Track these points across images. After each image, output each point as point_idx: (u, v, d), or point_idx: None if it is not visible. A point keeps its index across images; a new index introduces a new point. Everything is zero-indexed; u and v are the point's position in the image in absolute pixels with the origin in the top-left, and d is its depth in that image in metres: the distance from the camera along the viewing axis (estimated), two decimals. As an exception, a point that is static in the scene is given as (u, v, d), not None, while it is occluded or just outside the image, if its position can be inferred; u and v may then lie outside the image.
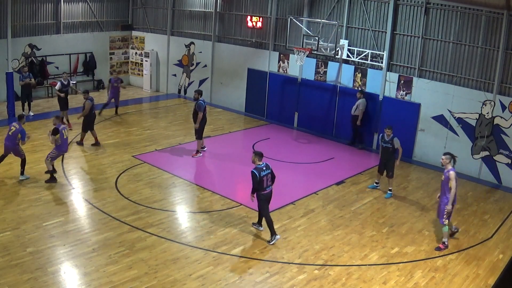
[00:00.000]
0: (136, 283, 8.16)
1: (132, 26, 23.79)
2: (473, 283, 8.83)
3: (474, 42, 13.95)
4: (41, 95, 20.46)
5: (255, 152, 9.69)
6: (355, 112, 15.95)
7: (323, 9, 17.13)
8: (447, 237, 9.98)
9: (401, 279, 8.81)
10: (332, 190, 12.72)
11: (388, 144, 12.36)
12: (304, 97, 17.76)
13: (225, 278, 8.53)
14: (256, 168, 9.49)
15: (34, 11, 20.13)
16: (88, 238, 9.58)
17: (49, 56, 20.63)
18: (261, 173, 9.48)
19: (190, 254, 9.22)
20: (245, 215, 10.96)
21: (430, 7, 14.62)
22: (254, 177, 9.44)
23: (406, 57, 15.39)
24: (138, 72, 23.88)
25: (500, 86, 13.63)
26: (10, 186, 11.70)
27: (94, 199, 11.25)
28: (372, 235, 10.39)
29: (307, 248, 9.68)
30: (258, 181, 9.44)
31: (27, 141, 12.29)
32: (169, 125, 17.73)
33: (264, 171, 9.53)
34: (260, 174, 9.45)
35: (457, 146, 14.51)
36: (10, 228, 9.62)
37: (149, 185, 12.27)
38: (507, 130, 13.52)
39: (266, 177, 9.56)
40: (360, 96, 15.85)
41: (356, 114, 15.95)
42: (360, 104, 15.81)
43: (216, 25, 20.54)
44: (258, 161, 9.56)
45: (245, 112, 19.90)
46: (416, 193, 12.90)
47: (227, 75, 20.45)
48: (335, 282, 8.60)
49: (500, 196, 13.16)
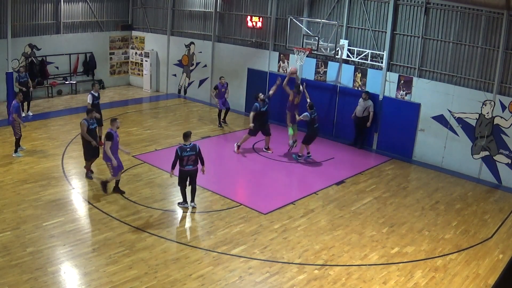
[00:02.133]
0: (136, 283, 8.16)
1: (132, 26, 23.78)
2: (473, 283, 8.83)
3: (474, 42, 13.95)
4: (41, 95, 20.46)
5: (184, 133, 10.68)
6: (363, 114, 15.84)
7: (323, 9, 17.13)
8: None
9: (401, 279, 8.81)
10: (332, 190, 12.72)
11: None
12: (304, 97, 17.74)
13: (225, 278, 8.53)
14: (180, 147, 10.50)
15: (34, 11, 20.13)
16: (88, 238, 9.58)
17: (49, 56, 20.62)
18: (183, 152, 10.45)
19: (190, 254, 9.22)
20: (245, 215, 10.96)
21: (430, 7, 14.62)
22: (175, 154, 10.48)
23: (406, 57, 15.39)
24: (138, 72, 23.88)
25: (500, 86, 13.63)
26: (10, 186, 11.70)
27: (94, 199, 11.25)
28: (372, 235, 10.39)
29: (307, 248, 9.68)
30: (177, 159, 10.48)
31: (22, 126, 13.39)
32: (169, 125, 17.73)
33: (187, 151, 10.46)
34: (181, 153, 10.45)
35: (457, 146, 14.53)
36: (10, 228, 9.62)
37: (149, 185, 12.27)
38: (507, 130, 13.52)
39: (187, 157, 10.48)
40: (366, 98, 15.75)
41: (363, 116, 15.85)
42: (371, 106, 15.71)
43: (216, 25, 20.54)
44: (184, 141, 10.53)
45: (245, 112, 19.90)
46: (416, 193, 12.91)
47: (227, 75, 20.40)
48: (335, 282, 8.60)
49: (500, 196, 13.16)
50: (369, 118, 15.81)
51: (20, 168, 12.74)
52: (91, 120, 12.16)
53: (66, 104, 19.86)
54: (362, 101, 15.83)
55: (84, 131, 11.99)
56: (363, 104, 15.79)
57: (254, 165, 14.39)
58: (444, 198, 12.66)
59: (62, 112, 18.62)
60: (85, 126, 11.97)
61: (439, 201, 12.47)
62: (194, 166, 10.72)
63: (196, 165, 10.74)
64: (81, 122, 12.08)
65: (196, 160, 10.67)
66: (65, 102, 20.11)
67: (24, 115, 17.42)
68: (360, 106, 15.87)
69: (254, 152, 15.32)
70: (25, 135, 15.51)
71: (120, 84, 23.89)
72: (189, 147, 10.51)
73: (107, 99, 20.74)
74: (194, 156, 10.55)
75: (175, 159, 10.53)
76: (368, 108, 15.77)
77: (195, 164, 10.70)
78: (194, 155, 10.53)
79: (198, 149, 10.63)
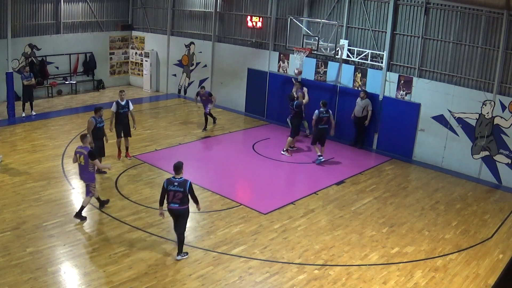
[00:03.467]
0: (136, 283, 8.16)
1: (132, 26, 23.79)
2: (473, 283, 8.83)
3: (474, 42, 13.95)
4: (41, 95, 20.46)
5: (174, 164, 8.83)
6: (363, 113, 15.80)
7: (323, 9, 17.13)
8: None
9: (401, 279, 8.81)
10: (332, 190, 12.72)
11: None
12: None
13: (225, 278, 8.53)
14: (168, 179, 8.80)
15: (34, 11, 20.13)
16: (88, 238, 9.58)
17: (49, 56, 20.63)
18: (170, 186, 8.69)
19: (190, 254, 9.21)
20: (245, 215, 10.96)
21: (430, 7, 14.62)
22: (162, 187, 8.85)
23: (406, 57, 15.39)
24: (138, 72, 23.89)
25: (500, 86, 13.62)
26: (10, 186, 11.70)
27: (94, 199, 11.23)
28: (372, 235, 10.39)
29: (307, 248, 9.68)
30: (164, 192, 8.82)
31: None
32: (169, 125, 17.74)
33: (174, 186, 8.66)
34: (167, 186, 8.72)
35: (457, 146, 14.53)
36: (10, 228, 9.62)
37: (149, 185, 12.27)
38: (507, 130, 13.52)
39: (173, 193, 8.67)
40: (364, 97, 15.75)
41: (363, 115, 15.82)
42: (369, 104, 15.73)
43: (216, 25, 20.54)
44: (175, 173, 8.76)
45: (245, 112, 19.91)
46: (416, 193, 12.90)
47: (227, 75, 20.45)
48: (335, 282, 8.60)
49: (500, 196, 13.16)
50: (368, 117, 15.81)
51: (20, 168, 12.74)
52: (99, 119, 12.09)
53: (66, 104, 19.87)
54: (360, 101, 15.84)
55: (90, 129, 11.94)
56: (361, 103, 15.79)
57: (254, 165, 14.39)
58: (444, 198, 12.66)
59: (62, 112, 18.62)
60: (93, 124, 11.95)
61: (439, 201, 12.47)
62: (181, 206, 8.75)
63: (185, 205, 8.78)
64: (89, 120, 12.08)
65: (185, 198, 8.72)
66: (65, 102, 20.12)
67: (25, 115, 17.45)
68: (358, 105, 15.87)
69: (254, 152, 15.33)
70: (25, 135, 15.58)
71: (120, 84, 23.87)
72: (178, 182, 8.67)
73: (107, 99, 20.74)
74: (182, 194, 8.65)
75: (161, 192, 8.87)
76: (367, 107, 15.78)
77: (183, 203, 8.74)
78: (181, 192, 8.65)
79: (188, 187, 8.69)
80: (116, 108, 13.13)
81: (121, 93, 13.34)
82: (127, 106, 13.24)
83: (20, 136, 15.54)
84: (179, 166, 8.76)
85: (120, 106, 13.11)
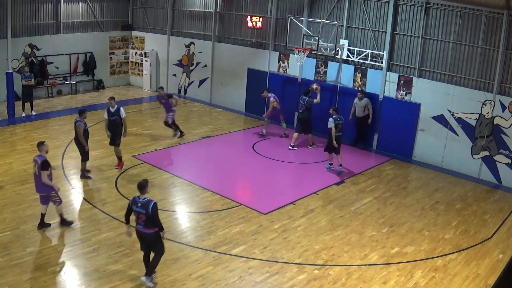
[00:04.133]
0: (136, 283, 8.15)
1: (132, 26, 23.79)
2: (473, 283, 8.83)
3: (474, 42, 13.95)
4: (41, 95, 20.46)
5: (138, 183, 8.01)
6: (364, 113, 15.81)
7: (323, 9, 17.13)
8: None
9: (401, 279, 8.81)
10: (332, 190, 12.72)
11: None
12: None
13: (225, 278, 8.53)
14: (133, 198, 7.97)
15: (34, 11, 20.13)
16: (88, 238, 9.58)
17: (49, 56, 20.63)
18: (133, 206, 7.88)
19: (190, 254, 9.22)
20: (245, 215, 10.96)
21: (430, 7, 14.62)
22: (128, 204, 8.07)
23: (406, 57, 15.39)
24: (138, 72, 23.88)
25: (500, 86, 13.62)
26: (10, 186, 11.70)
27: (94, 199, 11.25)
28: (372, 235, 10.39)
29: (307, 248, 9.68)
30: (129, 211, 8.02)
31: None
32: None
33: (137, 206, 7.82)
34: (131, 205, 7.92)
35: (457, 146, 14.53)
36: (10, 228, 9.62)
37: (149, 185, 12.22)
38: (507, 130, 13.52)
39: (137, 214, 7.84)
40: (362, 97, 15.78)
41: (365, 115, 15.84)
42: (369, 103, 15.75)
43: (216, 25, 20.54)
44: (139, 193, 7.90)
45: (245, 112, 19.91)
46: (416, 193, 12.90)
47: (227, 75, 20.45)
48: (335, 282, 8.60)
49: (500, 196, 13.16)
50: (370, 116, 15.83)
51: (20, 168, 12.73)
52: (85, 121, 12.04)
53: (66, 104, 19.87)
54: (358, 101, 15.84)
55: (81, 134, 11.87)
56: (361, 103, 15.80)
57: (254, 165, 14.40)
58: (444, 198, 12.66)
59: (62, 112, 18.61)
60: (83, 128, 11.91)
61: (439, 201, 12.47)
62: (147, 229, 7.84)
63: (151, 228, 7.86)
64: (78, 124, 11.90)
65: (149, 221, 7.80)
66: (65, 102, 20.11)
67: (25, 115, 17.45)
68: (358, 106, 15.86)
69: (254, 152, 15.33)
70: (25, 135, 15.57)
71: (120, 84, 23.90)
72: (141, 203, 7.78)
73: (107, 100, 20.71)
74: (145, 216, 7.74)
75: (126, 209, 8.09)
76: (367, 106, 15.78)
77: (148, 225, 7.82)
78: (144, 214, 7.74)
79: (151, 209, 7.71)
80: (106, 115, 12.79)
81: (110, 100, 12.83)
82: (117, 113, 12.70)
83: (20, 136, 15.54)
84: (143, 185, 7.89)
85: (110, 113, 12.68)
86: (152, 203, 7.78)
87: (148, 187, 7.97)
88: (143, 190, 7.88)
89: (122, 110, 12.83)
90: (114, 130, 12.76)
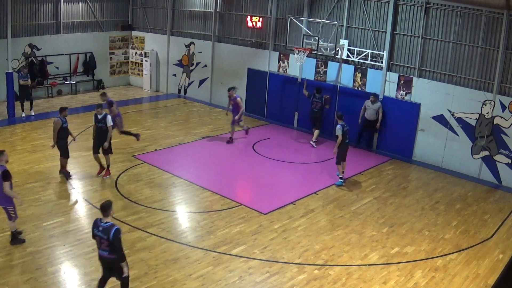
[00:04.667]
0: (136, 283, 8.15)
1: (132, 26, 23.79)
2: (473, 283, 8.83)
3: (474, 42, 13.95)
4: (41, 95, 20.46)
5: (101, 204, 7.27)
6: (375, 116, 15.51)
7: (323, 9, 17.13)
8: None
9: (401, 279, 8.81)
10: (332, 190, 12.71)
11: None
12: (304, 97, 17.75)
13: (225, 278, 8.53)
14: (94, 221, 7.24)
15: (34, 11, 20.13)
16: (88, 238, 9.53)
17: (49, 56, 20.63)
18: (94, 229, 7.13)
19: (190, 254, 9.22)
20: (245, 215, 10.96)
21: (430, 7, 14.62)
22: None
23: (406, 57, 15.39)
24: (138, 72, 23.88)
25: (500, 86, 13.62)
26: (10, 186, 11.69)
27: (94, 199, 11.25)
28: (372, 235, 10.39)
29: (307, 248, 9.68)
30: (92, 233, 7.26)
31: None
32: (169, 125, 17.73)
33: (98, 230, 7.07)
34: (93, 229, 7.18)
35: (457, 146, 14.53)
36: (10, 228, 9.60)
37: (149, 185, 12.27)
38: (507, 130, 13.52)
39: (99, 239, 7.11)
40: (375, 100, 15.47)
41: (376, 119, 15.55)
42: (381, 107, 15.48)
43: (216, 25, 20.54)
44: (102, 215, 7.17)
45: (245, 112, 19.85)
46: (416, 193, 12.90)
47: (227, 75, 20.44)
48: (335, 282, 8.60)
49: (500, 196, 13.16)
50: (379, 120, 15.53)
51: (20, 168, 12.74)
52: (64, 119, 12.08)
53: (66, 104, 19.77)
54: (371, 104, 15.49)
55: (56, 129, 11.95)
56: (374, 106, 15.48)
57: (254, 165, 14.40)
58: (444, 198, 12.66)
59: (62, 112, 18.59)
60: (59, 124, 11.97)
61: (439, 201, 12.47)
62: (111, 254, 7.08)
63: (115, 254, 7.10)
64: (55, 120, 12.01)
65: (112, 247, 7.02)
66: (65, 102, 20.07)
67: (25, 115, 17.45)
68: (371, 109, 15.50)
69: (254, 152, 15.33)
70: (25, 135, 15.58)
71: (120, 84, 23.90)
72: (103, 227, 7.02)
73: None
74: (106, 241, 6.99)
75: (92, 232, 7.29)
76: (379, 109, 15.51)
77: (113, 252, 7.06)
78: (106, 240, 6.98)
79: (112, 235, 6.92)
80: (94, 120, 12.38)
81: (97, 108, 12.28)
82: (103, 120, 12.17)
83: (20, 136, 15.54)
84: (106, 206, 7.12)
85: (97, 119, 12.26)
86: (114, 228, 6.99)
87: (113, 210, 7.25)
88: (106, 212, 7.10)
89: (109, 118, 12.28)
90: (101, 138, 12.34)
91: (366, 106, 15.68)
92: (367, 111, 15.67)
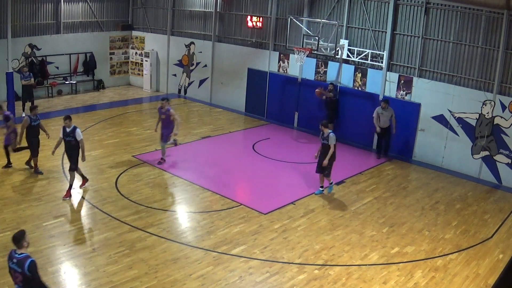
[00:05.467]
0: (136, 283, 8.16)
1: (132, 26, 23.79)
2: (473, 283, 8.83)
3: (474, 42, 13.94)
4: (41, 95, 20.46)
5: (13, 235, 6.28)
6: (389, 123, 14.93)
7: (323, 9, 17.13)
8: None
9: (401, 279, 8.81)
10: (332, 190, 12.70)
11: (325, 140, 11.85)
12: (304, 97, 17.77)
13: (225, 278, 8.53)
14: (10, 252, 6.27)
15: (34, 11, 20.13)
16: (88, 238, 9.58)
17: (49, 56, 20.63)
18: (9, 262, 6.20)
19: (190, 254, 9.22)
20: (245, 215, 10.96)
21: (430, 7, 14.62)
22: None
23: (406, 57, 15.39)
24: (138, 72, 23.89)
25: (500, 86, 13.62)
26: (10, 186, 11.70)
27: (94, 199, 11.25)
28: (372, 235, 10.39)
29: (307, 248, 9.68)
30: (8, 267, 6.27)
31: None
32: (169, 125, 17.70)
33: (13, 262, 6.14)
34: (8, 261, 6.24)
35: (457, 146, 14.53)
36: (10, 228, 9.60)
37: (149, 185, 12.27)
38: (507, 130, 13.52)
39: (13, 272, 6.18)
40: (386, 106, 14.79)
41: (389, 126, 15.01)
42: (393, 113, 14.90)
43: (216, 25, 20.54)
44: (16, 247, 6.20)
45: (245, 112, 19.90)
46: (416, 193, 12.90)
47: (227, 75, 20.45)
48: (335, 282, 8.60)
49: (500, 196, 13.16)
50: (393, 125, 15.00)
51: (20, 168, 12.73)
52: (34, 117, 12.15)
53: (66, 104, 19.86)
54: (383, 111, 14.82)
55: (24, 127, 11.99)
56: (386, 113, 14.90)
57: (254, 165, 14.40)
58: (444, 198, 12.66)
59: (62, 112, 18.53)
60: (27, 122, 12.06)
61: (439, 201, 12.47)
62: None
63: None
64: (24, 118, 12.15)
65: (28, 282, 6.12)
66: (65, 102, 20.11)
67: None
68: (384, 116, 14.90)
69: (254, 152, 15.33)
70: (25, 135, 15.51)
71: (120, 84, 23.90)
72: (17, 258, 6.09)
73: (107, 99, 20.79)
74: (21, 275, 6.08)
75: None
76: (392, 116, 14.96)
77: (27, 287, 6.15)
78: (20, 273, 6.08)
79: (27, 268, 6.02)
80: (61, 134, 11.23)
81: (65, 120, 11.10)
82: (72, 134, 11.03)
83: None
84: (18, 237, 6.18)
85: (65, 133, 11.11)
86: (28, 261, 6.06)
87: (27, 240, 6.22)
88: (19, 243, 6.16)
89: (79, 132, 11.12)
90: (69, 153, 11.24)
91: (380, 113, 14.89)
92: (380, 119, 14.96)
